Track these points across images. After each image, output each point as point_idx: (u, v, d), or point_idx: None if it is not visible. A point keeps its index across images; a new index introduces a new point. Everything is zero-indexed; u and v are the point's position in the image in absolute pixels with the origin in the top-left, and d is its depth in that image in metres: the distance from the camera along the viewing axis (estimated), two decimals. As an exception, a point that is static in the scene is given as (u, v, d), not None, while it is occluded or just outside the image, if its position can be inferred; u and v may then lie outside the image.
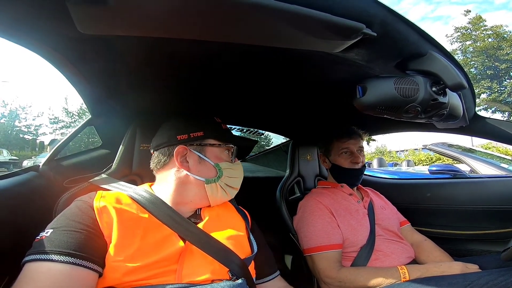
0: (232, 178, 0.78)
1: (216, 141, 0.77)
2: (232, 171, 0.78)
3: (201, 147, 0.75)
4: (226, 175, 0.76)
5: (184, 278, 0.60)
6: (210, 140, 0.76)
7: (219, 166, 0.75)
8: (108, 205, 0.63)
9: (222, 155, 0.78)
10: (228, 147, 0.79)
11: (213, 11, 0.37)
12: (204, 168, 0.74)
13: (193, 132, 0.75)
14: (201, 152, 0.75)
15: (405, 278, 0.90)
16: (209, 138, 0.76)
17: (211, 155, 0.76)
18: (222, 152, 0.78)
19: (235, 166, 0.79)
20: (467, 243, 1.38)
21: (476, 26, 20.49)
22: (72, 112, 25.72)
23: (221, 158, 0.77)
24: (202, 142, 0.75)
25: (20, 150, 23.02)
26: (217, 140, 0.77)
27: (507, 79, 19.44)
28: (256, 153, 2.86)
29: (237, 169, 0.80)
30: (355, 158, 1.21)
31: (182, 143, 0.74)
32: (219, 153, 0.77)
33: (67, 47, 0.58)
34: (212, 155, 0.76)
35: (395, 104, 0.60)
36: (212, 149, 0.76)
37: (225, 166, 0.76)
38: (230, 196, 0.79)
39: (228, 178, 0.76)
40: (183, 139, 0.74)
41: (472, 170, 2.69)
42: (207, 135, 0.76)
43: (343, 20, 0.42)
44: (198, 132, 0.75)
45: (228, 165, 0.77)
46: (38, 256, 0.52)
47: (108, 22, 0.38)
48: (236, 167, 0.80)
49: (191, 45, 0.61)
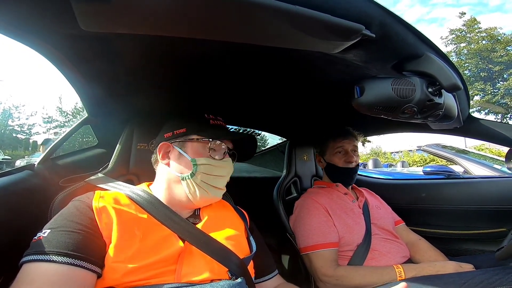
0: (211, 175, 0.72)
1: (198, 136, 0.74)
2: (212, 167, 0.72)
3: (182, 143, 0.74)
4: (203, 171, 0.71)
5: (183, 278, 0.60)
6: (192, 135, 0.74)
7: (195, 161, 0.71)
8: (107, 205, 0.62)
9: (202, 151, 0.73)
10: (212, 142, 0.74)
11: (215, 10, 0.37)
12: (183, 164, 0.73)
13: (177, 129, 0.75)
14: (181, 148, 0.73)
15: (401, 277, 0.91)
16: (191, 134, 0.74)
17: (191, 151, 0.73)
18: (203, 147, 0.74)
19: (218, 163, 0.73)
20: (461, 242, 1.40)
21: (471, 28, 20.76)
22: (66, 111, 25.47)
23: (200, 153, 0.73)
24: (184, 138, 0.74)
25: (13, 149, 22.71)
26: (199, 135, 0.74)
27: (501, 81, 19.71)
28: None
29: (220, 166, 0.74)
30: (349, 158, 1.22)
31: (167, 140, 0.75)
32: (200, 148, 0.73)
33: (68, 45, 0.57)
34: (192, 150, 0.73)
35: (392, 104, 0.61)
36: (192, 144, 0.74)
37: (203, 161, 0.72)
38: (211, 196, 0.72)
39: (205, 175, 0.71)
40: (168, 137, 0.76)
41: (465, 171, 2.72)
42: (189, 131, 0.74)
43: (343, 21, 0.42)
44: (181, 128, 0.75)
45: (207, 161, 0.72)
46: (36, 257, 0.52)
47: (110, 20, 0.38)
48: (219, 164, 0.74)
49: (189, 45, 0.61)
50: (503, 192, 1.34)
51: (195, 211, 0.77)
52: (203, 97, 1.00)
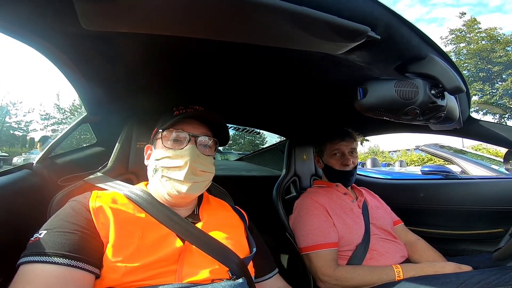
0: (169, 168, 0.67)
1: (160, 131, 0.73)
2: (168, 160, 0.68)
3: (155, 142, 0.75)
4: (162, 165, 0.68)
5: (184, 278, 0.60)
6: (160, 133, 0.73)
7: (155, 156, 0.71)
8: (104, 205, 0.62)
9: (165, 144, 0.70)
10: (170, 131, 0.70)
11: (220, 10, 0.37)
12: (152, 162, 0.74)
13: (153, 131, 0.78)
14: (155, 147, 0.75)
15: (400, 277, 0.92)
16: (160, 131, 0.73)
17: (158, 147, 0.73)
18: (165, 141, 0.71)
19: (174, 153, 0.68)
20: (459, 243, 1.41)
21: (471, 29, 20.77)
22: (64, 108, 25.34)
23: (162, 147, 0.70)
24: (155, 137, 0.75)
25: (10, 146, 22.56)
26: (161, 130, 0.72)
27: (499, 81, 19.78)
28: (251, 152, 2.86)
29: (177, 156, 0.67)
30: (346, 160, 1.21)
31: (150, 142, 0.79)
32: (162, 143, 0.71)
33: (69, 45, 0.57)
34: (159, 147, 0.72)
35: (395, 106, 0.61)
36: (158, 141, 0.73)
37: (159, 154, 0.69)
38: (176, 191, 0.66)
39: (164, 168, 0.68)
40: (151, 139, 0.79)
41: (463, 171, 2.74)
42: (159, 128, 0.74)
43: (349, 23, 0.42)
44: (155, 128, 0.77)
45: (162, 153, 0.68)
46: (32, 258, 0.51)
47: (113, 19, 0.37)
48: (176, 153, 0.68)
49: (190, 44, 0.61)
50: (501, 193, 1.35)
51: (194, 210, 0.77)
52: (202, 96, 1.00)
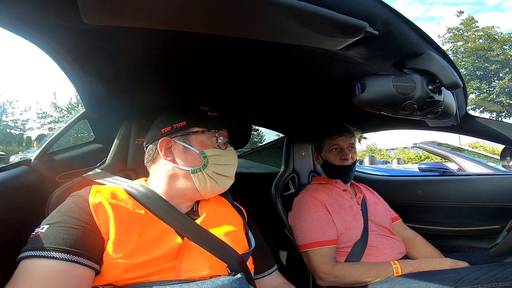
0: (222, 165, 0.73)
1: (200, 128, 0.73)
2: (221, 157, 0.74)
3: (185, 137, 0.73)
4: (213, 162, 0.72)
5: (183, 275, 0.60)
6: (194, 128, 0.73)
7: (204, 153, 0.71)
8: (104, 200, 0.62)
9: (208, 142, 0.74)
10: (213, 132, 0.75)
11: (221, 5, 0.37)
12: (190, 157, 0.72)
13: (176, 123, 0.73)
14: (185, 142, 0.72)
15: (398, 273, 0.92)
16: (192, 126, 0.73)
17: (196, 143, 0.72)
18: (208, 139, 0.74)
19: (224, 153, 0.75)
20: (456, 239, 1.42)
21: (468, 27, 20.84)
22: (60, 106, 25.19)
23: (207, 145, 0.73)
24: (186, 131, 0.73)
25: (6, 145, 22.41)
26: (201, 127, 0.74)
27: (496, 80, 19.88)
28: (250, 149, 2.86)
29: (227, 155, 0.76)
30: (345, 155, 1.22)
31: (166, 135, 0.73)
32: (204, 140, 0.73)
33: (69, 40, 0.56)
34: (197, 143, 0.73)
35: (392, 101, 0.61)
36: (196, 137, 0.73)
37: (212, 152, 0.72)
38: (222, 186, 0.74)
39: (216, 165, 0.72)
40: (167, 132, 0.74)
41: (460, 169, 2.76)
42: (190, 123, 0.73)
43: (347, 18, 0.42)
44: (181, 122, 0.73)
45: (215, 151, 0.73)
46: (33, 253, 0.51)
47: (115, 13, 0.37)
48: (226, 153, 0.75)
49: (189, 40, 0.60)
50: (497, 190, 1.36)
51: (194, 207, 0.77)
52: (202, 92, 0.99)
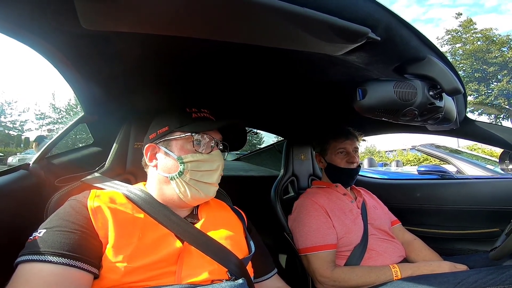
0: (201, 171, 0.69)
1: (181, 132, 0.71)
2: (201, 163, 0.69)
3: (167, 142, 0.71)
4: (191, 168, 0.68)
5: (183, 279, 0.60)
6: (176, 132, 0.71)
7: (181, 159, 0.68)
8: (102, 205, 0.62)
9: (187, 147, 0.70)
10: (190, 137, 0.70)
11: (221, 10, 0.37)
12: (169, 163, 0.70)
13: (160, 128, 0.73)
14: (166, 147, 0.71)
15: (397, 277, 0.92)
16: (174, 131, 0.71)
17: (176, 149, 0.70)
18: (188, 143, 0.70)
19: (206, 158, 0.70)
20: (455, 242, 1.42)
21: (467, 29, 20.91)
22: (59, 108, 25.13)
23: (186, 150, 0.70)
24: (167, 136, 0.71)
25: (5, 146, 22.32)
26: (182, 131, 0.70)
27: (494, 82, 19.95)
28: (249, 152, 2.86)
29: (209, 160, 0.70)
30: (351, 158, 1.22)
31: (152, 141, 0.73)
32: (183, 144, 0.70)
33: (66, 44, 0.56)
34: (177, 148, 0.70)
35: (393, 107, 0.61)
36: (176, 141, 0.70)
37: (190, 158, 0.68)
38: (203, 194, 0.70)
39: (195, 172, 0.68)
40: (153, 138, 0.73)
41: (458, 171, 2.76)
42: (171, 128, 0.71)
43: (350, 24, 0.42)
44: (164, 127, 0.72)
45: (194, 156, 0.69)
46: (31, 257, 0.51)
47: (114, 18, 0.37)
48: (208, 158, 0.70)
49: (188, 43, 0.60)
50: (496, 193, 1.36)
51: (193, 211, 0.76)
52: (200, 95, 0.99)
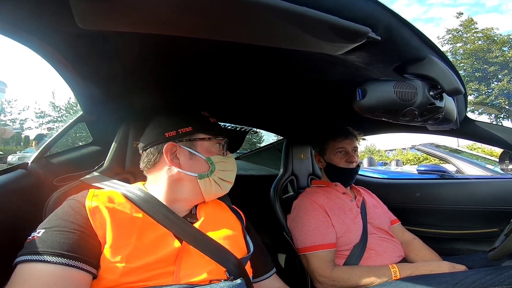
0: (225, 171, 0.77)
1: (205, 135, 0.75)
2: (225, 164, 0.77)
3: (191, 142, 0.74)
4: (219, 168, 0.75)
5: (182, 279, 0.60)
6: (200, 134, 0.75)
7: (211, 160, 0.74)
8: (100, 204, 0.61)
9: (213, 149, 0.76)
10: (218, 140, 0.78)
11: (220, 10, 0.36)
12: (196, 163, 0.73)
13: (181, 128, 0.73)
14: (191, 147, 0.73)
15: (396, 277, 0.92)
16: (198, 132, 0.74)
17: (202, 150, 0.74)
18: (212, 145, 0.76)
19: (227, 159, 0.78)
20: (454, 242, 1.42)
21: (467, 29, 20.86)
22: (59, 106, 25.12)
23: (212, 151, 0.76)
24: (191, 137, 0.74)
25: (5, 144, 22.28)
26: (207, 134, 0.76)
27: (495, 81, 19.92)
28: (248, 151, 2.86)
29: (229, 162, 0.79)
30: (350, 158, 1.22)
31: (171, 140, 0.72)
32: (209, 146, 0.76)
33: (64, 44, 0.56)
34: (203, 149, 0.74)
35: (393, 107, 0.61)
36: (202, 143, 0.75)
37: (217, 159, 0.75)
38: (224, 190, 0.77)
39: (221, 171, 0.75)
40: (171, 136, 0.73)
41: (458, 171, 2.76)
42: (196, 129, 0.74)
43: (350, 24, 0.41)
44: (186, 127, 0.73)
45: (220, 158, 0.76)
46: (30, 257, 0.51)
47: (110, 18, 0.37)
48: (228, 160, 0.79)
49: (187, 43, 0.60)
50: (496, 193, 1.36)
51: (192, 210, 0.76)
52: (200, 95, 0.99)
